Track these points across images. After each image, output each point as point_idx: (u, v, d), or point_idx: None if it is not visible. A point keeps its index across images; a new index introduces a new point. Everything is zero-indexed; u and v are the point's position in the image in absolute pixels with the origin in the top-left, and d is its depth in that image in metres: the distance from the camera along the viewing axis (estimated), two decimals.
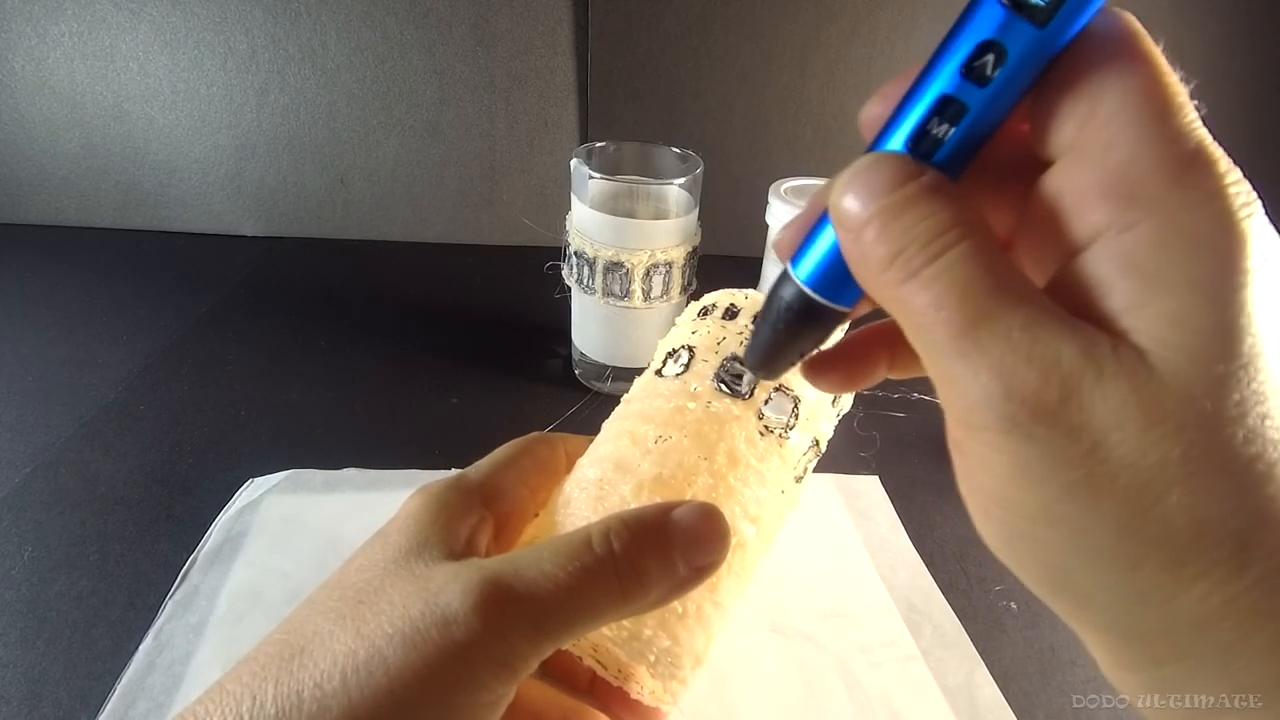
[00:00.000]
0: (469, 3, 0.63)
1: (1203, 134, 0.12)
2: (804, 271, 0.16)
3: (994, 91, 0.13)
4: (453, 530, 0.20)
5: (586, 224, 0.47)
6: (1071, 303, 0.13)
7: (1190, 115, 0.12)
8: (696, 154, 0.48)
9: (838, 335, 0.20)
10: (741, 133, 0.70)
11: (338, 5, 0.63)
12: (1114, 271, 0.13)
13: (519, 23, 0.64)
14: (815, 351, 0.19)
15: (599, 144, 0.50)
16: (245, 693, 0.16)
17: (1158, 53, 0.13)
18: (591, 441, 0.25)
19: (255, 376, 0.52)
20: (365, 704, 0.15)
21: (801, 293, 0.17)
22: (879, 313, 0.20)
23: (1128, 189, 0.12)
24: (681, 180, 0.46)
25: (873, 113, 0.15)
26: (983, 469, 0.14)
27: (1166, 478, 0.12)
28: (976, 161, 0.14)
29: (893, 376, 0.20)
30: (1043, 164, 0.14)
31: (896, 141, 0.14)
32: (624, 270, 0.46)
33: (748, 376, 0.23)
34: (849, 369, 0.20)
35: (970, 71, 0.13)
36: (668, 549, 0.19)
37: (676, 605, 0.21)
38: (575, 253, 0.48)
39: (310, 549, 0.37)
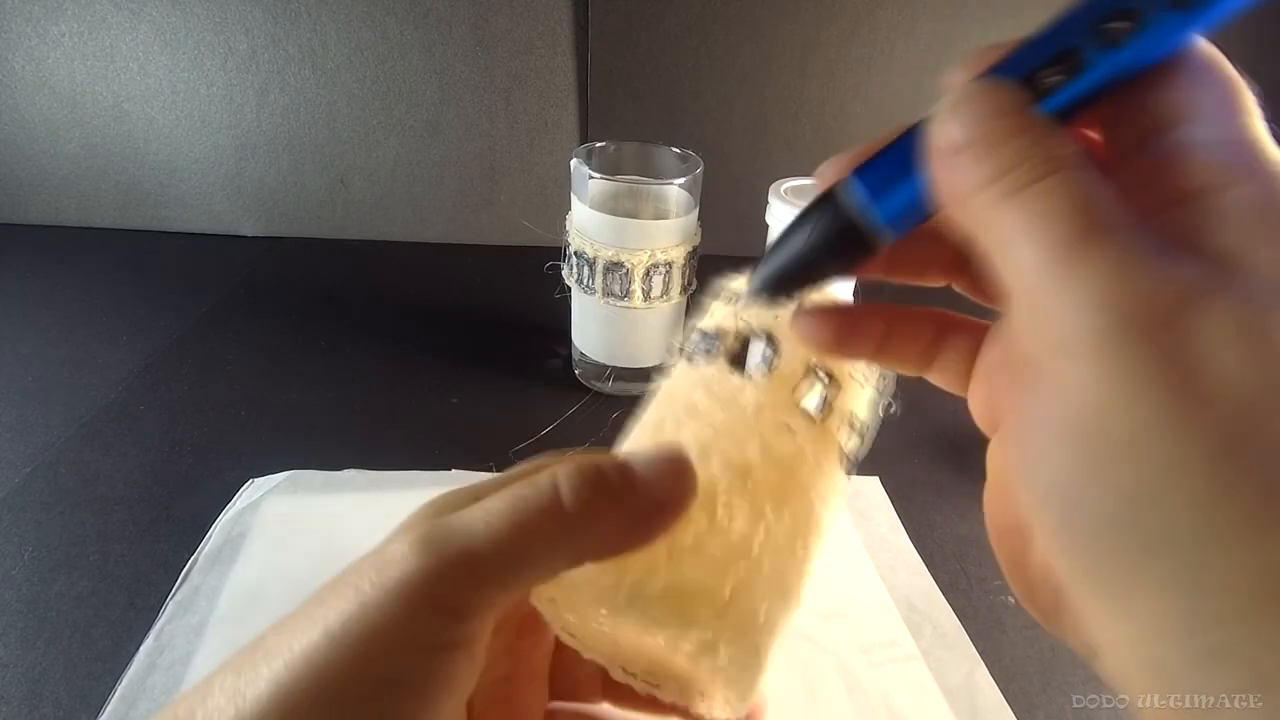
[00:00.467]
0: (469, 3, 0.63)
1: None
2: (856, 191, 0.16)
3: (1116, 56, 0.14)
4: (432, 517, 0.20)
5: (586, 224, 0.47)
6: (1179, 242, 0.13)
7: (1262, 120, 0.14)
8: (696, 154, 0.48)
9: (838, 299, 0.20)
10: (741, 133, 0.70)
11: (338, 5, 0.63)
12: (1216, 221, 0.13)
13: (519, 23, 0.64)
14: (821, 287, 0.19)
15: (599, 144, 0.50)
16: (220, 665, 0.16)
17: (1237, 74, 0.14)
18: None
19: (255, 376, 0.52)
20: (300, 648, 0.15)
21: (847, 217, 0.16)
22: (881, 301, 0.20)
23: (1246, 153, 0.13)
24: (681, 180, 0.46)
25: (959, 80, 0.15)
26: (1066, 392, 0.13)
27: (1270, 404, 0.11)
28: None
29: (878, 362, 0.20)
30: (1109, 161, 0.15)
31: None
32: (624, 270, 0.46)
33: (766, 355, 0.23)
34: (840, 328, 0.19)
35: (1099, 32, 0.14)
36: (617, 480, 0.18)
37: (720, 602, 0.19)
38: (575, 253, 0.48)
39: (310, 550, 0.37)
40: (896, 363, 0.20)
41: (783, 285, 0.19)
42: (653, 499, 0.18)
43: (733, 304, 0.25)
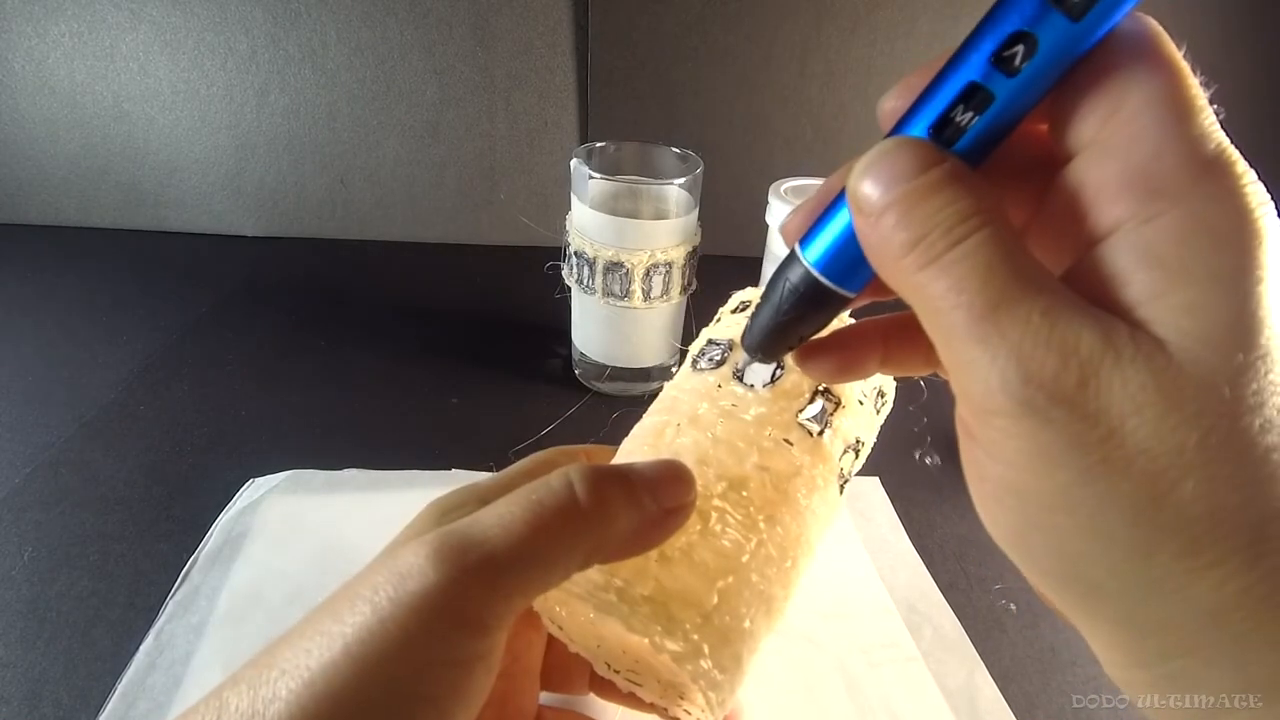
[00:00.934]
0: (469, 3, 0.63)
1: (1222, 136, 0.12)
2: (813, 255, 0.16)
3: (1021, 82, 0.13)
4: (441, 521, 0.19)
5: (586, 224, 0.47)
6: (1088, 294, 0.13)
7: (1210, 118, 0.13)
8: (696, 154, 0.48)
9: (836, 323, 0.20)
10: (741, 133, 0.70)
11: (338, 5, 0.63)
12: (1134, 262, 0.13)
13: (519, 23, 0.64)
14: (813, 337, 0.19)
15: (599, 144, 0.50)
16: (229, 679, 0.16)
17: (1180, 57, 0.13)
18: (614, 452, 0.25)
19: (255, 376, 0.52)
20: (320, 666, 0.15)
21: (809, 276, 0.17)
22: (876, 307, 0.20)
23: (1151, 183, 0.12)
24: (681, 180, 0.46)
25: (890, 105, 0.15)
26: (996, 456, 0.14)
27: (1183, 464, 0.12)
28: (991, 158, 0.14)
29: (884, 373, 0.20)
30: (1057, 164, 0.15)
31: (918, 128, 0.15)
32: (624, 270, 0.46)
33: (774, 372, 0.23)
34: (841, 358, 0.20)
35: (999, 61, 0.13)
36: (628, 484, 0.18)
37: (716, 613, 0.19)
38: (575, 253, 0.48)
39: (311, 549, 0.37)
40: (905, 369, 0.20)
41: (773, 346, 0.19)
42: (659, 504, 0.19)
43: (743, 315, 0.25)
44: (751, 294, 0.27)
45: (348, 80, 0.67)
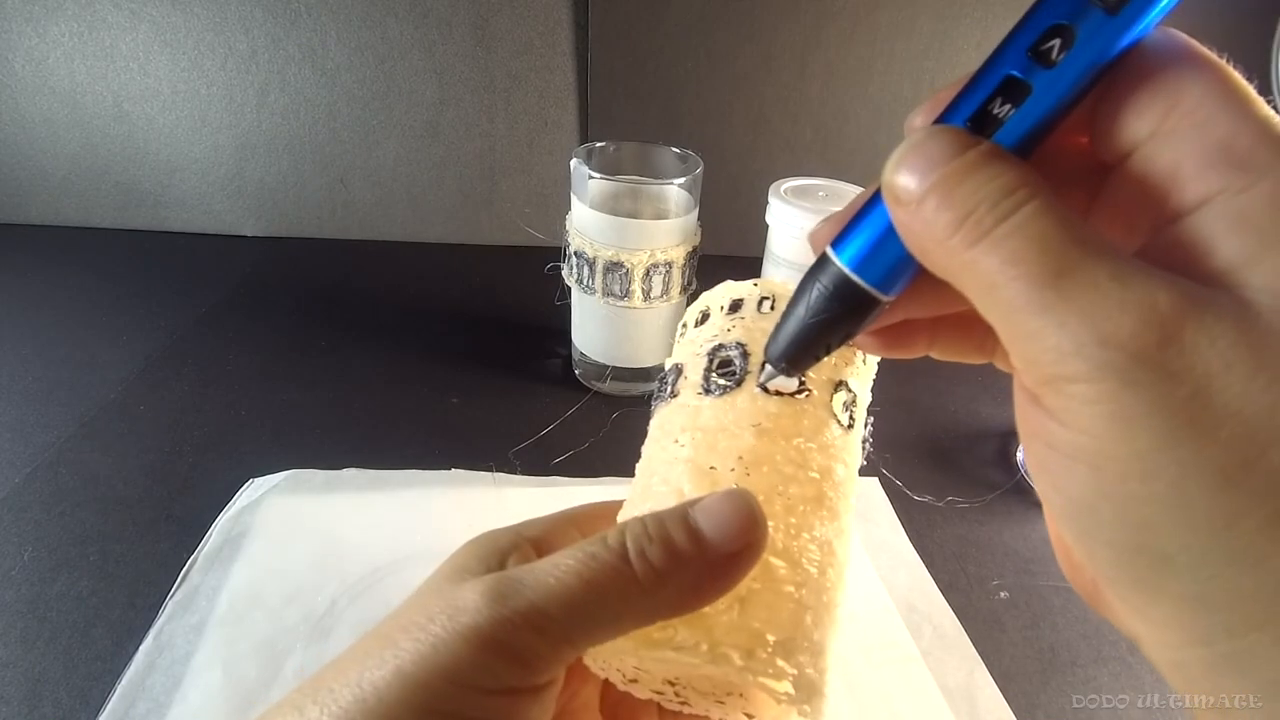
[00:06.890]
0: (469, 3, 0.63)
1: None
2: (847, 256, 0.16)
3: (1059, 74, 0.14)
4: (490, 560, 0.20)
5: (586, 224, 0.47)
6: (1166, 267, 0.13)
7: (1264, 105, 0.13)
8: (696, 154, 0.48)
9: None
10: (741, 133, 0.70)
11: (338, 5, 0.63)
12: (1224, 230, 0.12)
13: (519, 23, 0.64)
14: (840, 347, 0.18)
15: (599, 144, 0.50)
16: (275, 706, 0.16)
17: (1217, 57, 0.13)
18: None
19: (255, 376, 0.52)
20: (371, 686, 0.16)
21: (841, 276, 0.16)
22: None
23: (1237, 157, 0.12)
24: (681, 180, 0.46)
25: (919, 121, 0.15)
26: (1069, 424, 0.13)
27: (1274, 426, 0.11)
28: (1033, 162, 0.14)
29: (935, 355, 0.20)
30: (1104, 169, 0.15)
31: (955, 121, 0.15)
32: (624, 270, 0.46)
33: (767, 371, 0.23)
34: (887, 335, 0.19)
35: (1037, 54, 0.14)
36: (686, 540, 0.18)
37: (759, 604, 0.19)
38: (575, 253, 0.48)
39: (310, 549, 0.37)
40: (955, 355, 0.20)
41: (800, 356, 0.19)
42: (723, 554, 0.18)
43: (736, 316, 0.25)
44: (742, 288, 0.26)
45: (348, 80, 0.67)
